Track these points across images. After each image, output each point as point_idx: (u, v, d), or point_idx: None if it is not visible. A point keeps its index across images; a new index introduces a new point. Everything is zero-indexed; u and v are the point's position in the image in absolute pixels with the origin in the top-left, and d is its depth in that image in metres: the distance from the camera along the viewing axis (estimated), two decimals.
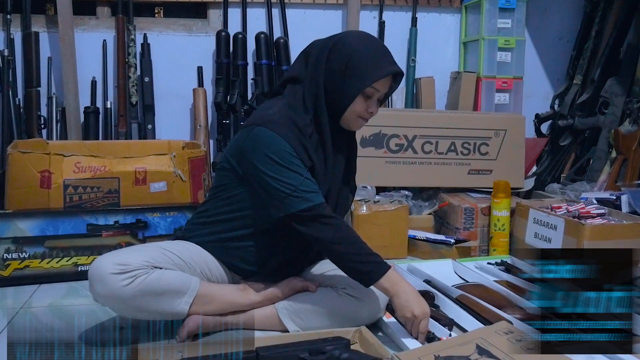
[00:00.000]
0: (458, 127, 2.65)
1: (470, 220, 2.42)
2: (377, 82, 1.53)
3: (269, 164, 1.49)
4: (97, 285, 1.49)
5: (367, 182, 2.52)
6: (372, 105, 1.57)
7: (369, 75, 1.52)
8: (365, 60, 1.53)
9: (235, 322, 1.63)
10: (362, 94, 1.54)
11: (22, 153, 2.19)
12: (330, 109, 1.57)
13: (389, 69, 1.54)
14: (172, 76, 2.96)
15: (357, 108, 1.56)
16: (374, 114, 1.61)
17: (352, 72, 1.53)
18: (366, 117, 1.60)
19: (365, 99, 1.56)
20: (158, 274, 1.51)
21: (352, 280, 1.57)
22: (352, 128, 1.63)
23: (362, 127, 1.65)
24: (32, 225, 2.07)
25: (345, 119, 1.59)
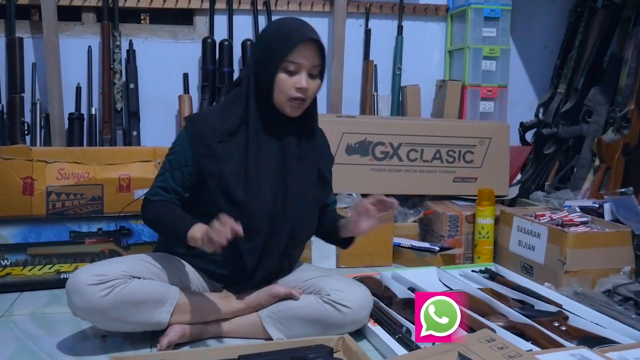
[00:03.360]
0: (443, 135, 2.66)
1: (455, 228, 2.43)
2: (293, 54, 1.51)
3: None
4: (75, 298, 1.48)
5: (353, 189, 2.53)
6: (300, 80, 1.52)
7: (282, 50, 1.52)
8: (278, 38, 1.54)
9: (218, 331, 1.63)
10: (282, 70, 1.52)
11: (5, 159, 2.17)
12: (269, 100, 1.57)
13: (299, 38, 1.51)
14: (157, 83, 2.95)
15: (282, 86, 1.53)
16: (309, 89, 1.54)
17: (269, 54, 1.54)
18: (298, 96, 1.54)
19: (290, 75, 1.53)
20: (136, 283, 1.51)
21: (337, 287, 1.58)
22: (289, 113, 1.58)
23: (301, 109, 1.58)
24: (14, 232, 2.05)
25: (277, 103, 1.57)
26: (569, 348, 1.42)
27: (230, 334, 1.63)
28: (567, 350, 1.38)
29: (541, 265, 2.10)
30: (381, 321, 1.65)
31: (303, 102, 1.56)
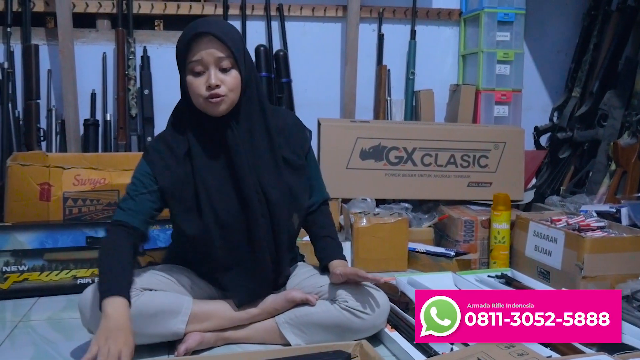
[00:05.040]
0: (457, 140, 2.65)
1: (470, 233, 2.42)
2: (191, 54, 1.46)
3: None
4: (88, 315, 1.49)
5: (367, 194, 2.52)
6: (209, 77, 1.45)
7: (182, 54, 1.49)
8: (178, 44, 1.51)
9: (235, 337, 1.62)
10: (190, 73, 1.48)
11: (22, 165, 2.18)
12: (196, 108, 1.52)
13: (190, 37, 1.46)
14: (171, 88, 2.91)
15: (194, 89, 1.48)
16: (222, 83, 1.46)
17: (177, 62, 1.52)
18: (211, 93, 1.46)
19: (198, 76, 1.47)
20: (148, 295, 1.51)
21: (354, 293, 1.57)
22: (212, 112, 1.49)
23: (224, 104, 1.48)
24: (32, 237, 2.06)
25: (200, 107, 1.50)
26: (589, 355, 1.40)
27: (247, 340, 1.62)
28: (587, 357, 1.37)
29: (558, 271, 2.08)
30: (398, 327, 1.64)
31: (221, 97, 1.47)
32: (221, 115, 1.51)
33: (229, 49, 1.47)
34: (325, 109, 3.03)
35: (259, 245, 1.56)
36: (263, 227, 1.56)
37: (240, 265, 1.59)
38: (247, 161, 1.54)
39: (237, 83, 1.50)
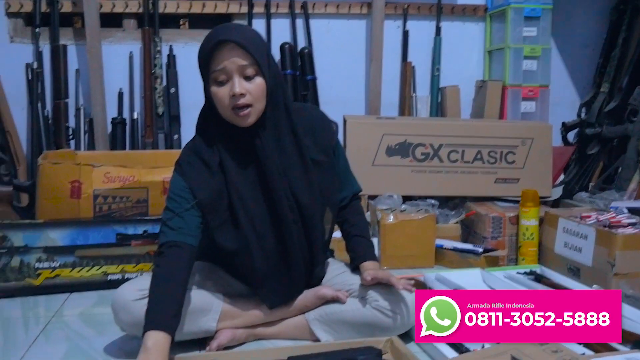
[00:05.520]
0: (484, 136, 2.63)
1: (498, 230, 2.40)
2: (214, 63, 1.42)
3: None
4: (122, 315, 1.50)
5: (394, 190, 2.52)
6: (233, 87, 1.41)
7: (204, 63, 1.45)
8: (200, 53, 1.48)
9: (266, 333, 1.63)
10: (213, 83, 1.45)
11: (53, 164, 2.21)
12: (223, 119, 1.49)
13: (212, 45, 1.42)
14: (197, 87, 2.93)
15: (219, 100, 1.45)
16: (247, 92, 1.43)
17: (201, 73, 1.49)
18: (237, 104, 1.43)
19: (222, 85, 1.44)
20: None
21: (385, 292, 1.57)
22: (240, 123, 1.46)
23: (253, 115, 1.45)
24: (63, 234, 2.09)
25: (226, 118, 1.47)
26: (623, 352, 1.38)
27: (277, 336, 1.63)
28: (622, 354, 1.35)
29: (589, 268, 2.06)
30: None
31: (248, 107, 1.44)
32: (249, 125, 1.48)
33: (252, 56, 1.43)
34: (350, 106, 3.02)
35: (292, 251, 1.56)
36: (296, 233, 1.55)
37: (274, 272, 1.58)
38: (277, 169, 1.52)
39: (262, 91, 1.45)
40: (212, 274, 1.65)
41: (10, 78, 2.83)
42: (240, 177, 1.52)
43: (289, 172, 1.54)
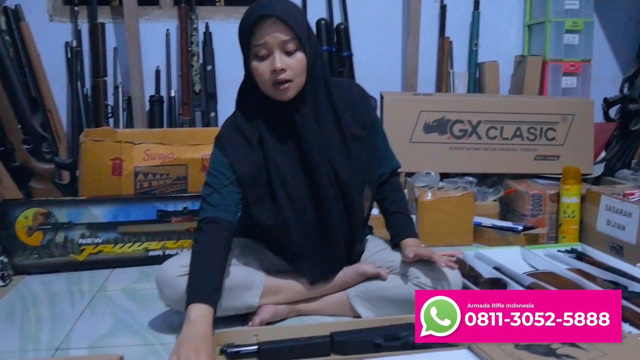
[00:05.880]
0: (524, 112, 2.59)
1: (538, 207, 2.37)
2: (255, 37, 1.41)
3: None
4: (167, 290, 1.52)
5: (431, 168, 2.50)
6: (274, 62, 1.41)
7: (245, 38, 1.44)
8: (241, 27, 1.47)
9: (307, 309, 1.65)
10: (254, 58, 1.44)
11: (95, 141, 2.24)
12: (263, 93, 1.49)
13: (253, 19, 1.41)
14: (234, 64, 2.93)
15: (259, 74, 1.44)
16: (288, 67, 1.42)
17: (241, 46, 1.48)
18: (277, 79, 1.42)
19: (263, 60, 1.43)
20: None
21: (426, 270, 1.56)
22: (280, 98, 1.46)
23: (292, 90, 1.45)
24: (105, 211, 2.13)
25: (267, 92, 1.47)
26: None
27: (318, 312, 1.64)
28: None
29: (632, 246, 2.02)
30: None
31: (288, 82, 1.44)
32: (288, 100, 1.48)
33: (294, 31, 1.42)
34: (386, 82, 3.00)
35: (332, 227, 1.56)
36: (336, 209, 1.55)
37: (314, 248, 1.58)
38: (317, 144, 1.51)
39: (302, 66, 1.45)
40: (253, 250, 1.66)
41: (50, 57, 2.87)
42: (280, 152, 1.53)
43: (329, 147, 1.53)
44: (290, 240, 1.56)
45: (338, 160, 1.54)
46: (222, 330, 1.46)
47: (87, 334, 1.60)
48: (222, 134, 1.56)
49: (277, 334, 1.43)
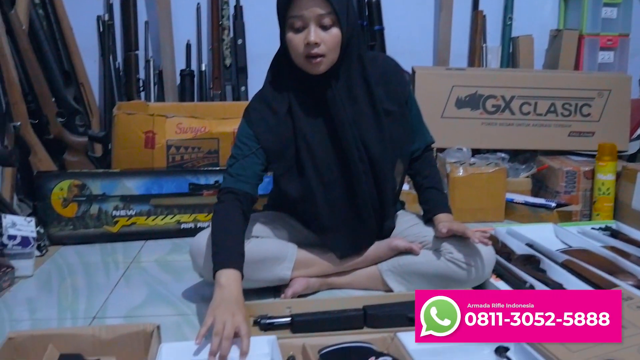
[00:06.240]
0: (559, 88, 2.54)
1: (572, 184, 2.34)
2: (292, 9, 1.40)
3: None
4: (200, 261, 1.53)
5: (463, 144, 2.47)
6: (309, 35, 1.40)
7: (283, 8, 1.43)
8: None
9: (339, 283, 1.65)
10: (290, 29, 1.42)
11: (127, 114, 2.26)
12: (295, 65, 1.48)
13: None
14: (265, 38, 2.95)
15: (293, 46, 1.43)
16: (322, 41, 1.41)
17: (278, 16, 1.46)
18: (310, 52, 1.41)
19: (298, 32, 1.42)
20: (255, 242, 1.55)
21: (459, 246, 1.55)
22: (312, 71, 1.45)
23: (324, 65, 1.44)
24: (138, 183, 2.15)
25: (299, 65, 1.46)
26: None
27: (350, 286, 1.65)
28: None
29: None
30: (503, 276, 1.62)
31: (321, 57, 1.42)
32: (320, 74, 1.47)
33: (332, 6, 1.40)
34: (418, 57, 2.95)
35: (362, 202, 1.55)
36: (366, 184, 1.54)
37: (342, 223, 1.58)
38: (348, 119, 1.50)
39: (337, 42, 1.43)
40: (285, 223, 1.67)
41: (82, 30, 2.87)
42: (310, 125, 1.52)
43: (360, 123, 1.52)
44: (318, 213, 1.57)
45: (369, 135, 1.53)
46: (255, 302, 1.48)
47: (123, 304, 1.63)
48: (250, 106, 1.57)
49: (309, 307, 1.45)
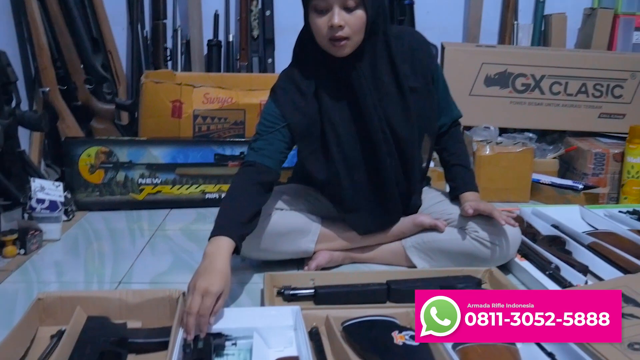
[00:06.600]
0: (591, 68, 2.49)
1: (600, 166, 2.31)
2: None
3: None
4: None
5: (490, 122, 2.44)
6: (332, 18, 1.36)
7: None
8: None
9: (362, 257, 1.65)
10: (313, 11, 1.39)
11: (155, 83, 2.27)
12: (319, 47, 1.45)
13: None
14: (293, 10, 2.90)
15: (317, 29, 1.40)
16: (345, 24, 1.37)
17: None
18: (334, 35, 1.38)
19: (321, 14, 1.38)
20: (280, 215, 1.56)
21: (484, 225, 1.54)
22: (335, 54, 1.43)
23: (348, 47, 1.41)
24: (165, 152, 2.16)
25: (323, 47, 1.43)
26: None
27: (373, 261, 1.65)
28: None
29: None
30: (528, 256, 1.61)
31: (345, 40, 1.39)
32: (345, 56, 1.44)
33: None
34: (447, 32, 2.91)
35: (387, 184, 1.54)
36: (391, 166, 1.53)
37: (368, 205, 1.58)
38: (372, 101, 1.48)
39: (361, 24, 1.40)
40: (309, 197, 1.67)
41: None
42: (335, 107, 1.51)
43: (386, 103, 1.50)
44: (342, 196, 1.56)
45: (395, 115, 1.51)
46: (279, 273, 1.49)
47: (148, 270, 1.65)
48: (277, 84, 1.54)
49: (333, 279, 1.46)
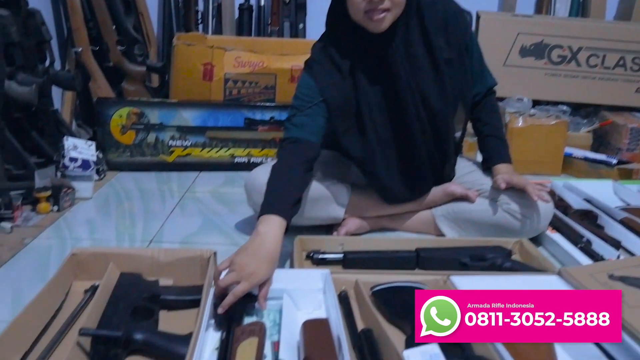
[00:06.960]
0: (630, 41, 2.43)
1: (636, 142, 2.26)
2: None
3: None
4: (255, 196, 1.51)
5: (524, 94, 2.40)
6: None
7: None
8: None
9: (392, 225, 1.65)
10: None
11: (187, 45, 2.26)
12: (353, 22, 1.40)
13: None
14: None
15: (352, 2, 1.34)
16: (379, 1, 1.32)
17: None
18: (370, 8, 1.32)
19: None
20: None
21: (516, 197, 1.53)
22: (373, 29, 1.37)
23: (386, 21, 1.35)
24: (195, 115, 2.17)
25: (359, 21, 1.37)
26: None
27: (402, 228, 1.65)
28: None
29: None
30: (560, 229, 1.59)
31: (383, 12, 1.33)
32: (381, 31, 1.39)
33: None
34: (483, 1, 2.86)
35: (419, 161, 1.53)
36: (423, 143, 1.51)
37: (400, 181, 1.56)
38: (406, 78, 1.44)
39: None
40: (340, 164, 1.66)
41: None
42: (369, 85, 1.47)
43: (420, 78, 1.46)
44: (376, 173, 1.55)
45: (430, 90, 1.48)
46: (309, 237, 1.49)
47: (178, 231, 1.66)
48: (312, 58, 1.51)
49: (362, 245, 1.46)
